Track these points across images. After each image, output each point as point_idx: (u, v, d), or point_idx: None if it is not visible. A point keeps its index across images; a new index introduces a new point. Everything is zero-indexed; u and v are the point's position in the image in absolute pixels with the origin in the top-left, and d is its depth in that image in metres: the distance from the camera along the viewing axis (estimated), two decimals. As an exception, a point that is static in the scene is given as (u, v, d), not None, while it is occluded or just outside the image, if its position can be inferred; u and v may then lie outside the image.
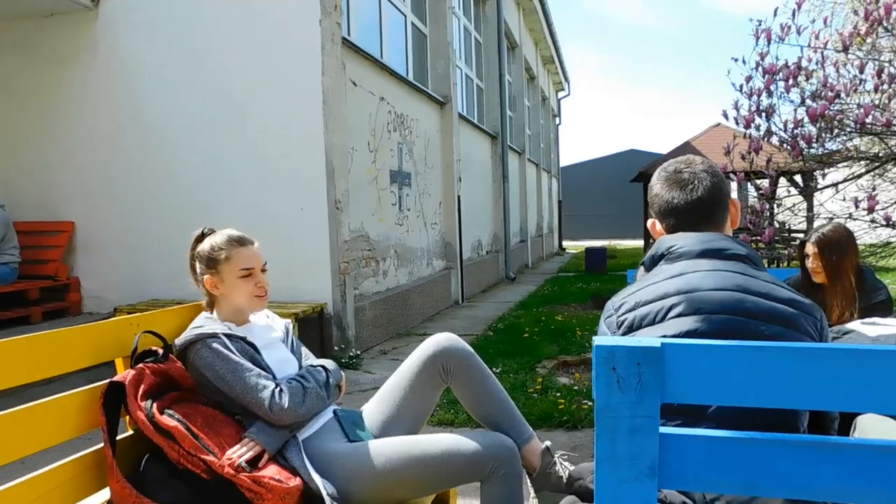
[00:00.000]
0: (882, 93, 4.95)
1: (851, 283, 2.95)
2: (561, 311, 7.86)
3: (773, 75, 5.25)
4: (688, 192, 1.46)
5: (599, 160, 37.49)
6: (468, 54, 11.22)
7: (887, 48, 5.03)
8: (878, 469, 1.00)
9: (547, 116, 21.21)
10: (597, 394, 1.02)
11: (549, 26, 16.83)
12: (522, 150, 14.73)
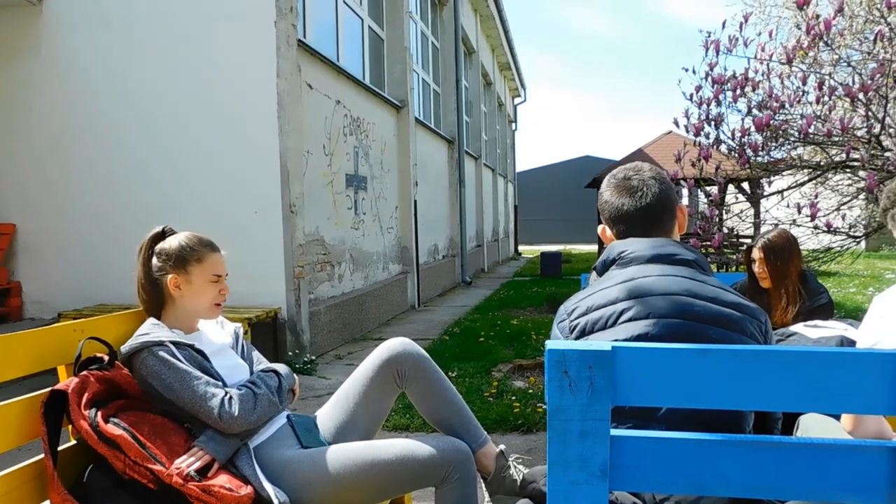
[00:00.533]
0: (823, 104, 5.13)
1: (795, 286, 3.05)
2: (517, 315, 7.92)
3: (722, 85, 5.40)
4: (637, 199, 1.49)
5: (555, 166, 37.95)
6: (425, 59, 11.24)
7: (828, 62, 5.21)
8: (820, 466, 1.03)
9: (503, 122, 21.38)
10: (549, 397, 1.03)
11: (506, 33, 16.98)
12: (479, 155, 14.82)
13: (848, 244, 5.41)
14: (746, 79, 5.39)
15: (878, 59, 4.72)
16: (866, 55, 5.07)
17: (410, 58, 9.07)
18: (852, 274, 12.47)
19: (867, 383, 0.99)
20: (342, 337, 6.35)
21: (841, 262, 6.48)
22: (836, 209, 5.48)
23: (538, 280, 12.73)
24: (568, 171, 35.40)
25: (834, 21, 4.80)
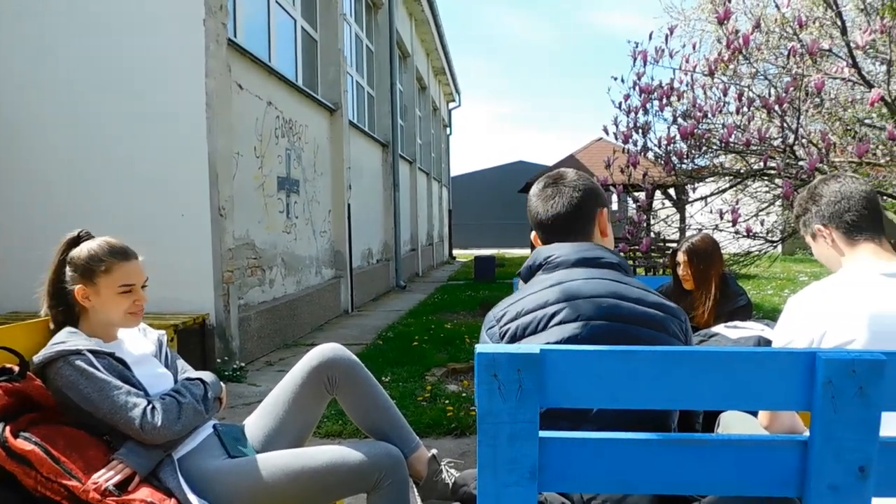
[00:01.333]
0: (742, 115, 5.37)
1: (716, 289, 3.18)
2: (451, 319, 7.95)
3: (649, 94, 5.58)
4: (550, 207, 1.55)
5: (489, 170, 38.34)
6: (359, 62, 11.17)
7: (746, 74, 5.45)
8: (738, 461, 1.07)
9: (438, 126, 21.46)
10: (479, 401, 1.04)
11: (441, 38, 17.07)
12: (413, 159, 14.82)
13: (766, 248, 5.66)
14: (672, 89, 5.59)
15: (792, 73, 4.97)
16: (781, 69, 5.32)
17: (344, 60, 8.99)
18: (770, 277, 13.09)
19: (781, 381, 1.04)
20: (273, 343, 6.23)
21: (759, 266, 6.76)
22: (754, 215, 5.74)
23: (472, 284, 12.82)
24: (501, 176, 35.83)
25: (752, 36, 5.02)
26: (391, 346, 6.22)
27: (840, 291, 1.50)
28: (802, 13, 5.09)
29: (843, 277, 1.56)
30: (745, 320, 3.15)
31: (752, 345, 2.27)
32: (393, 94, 12.02)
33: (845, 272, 1.58)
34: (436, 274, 16.24)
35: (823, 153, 4.74)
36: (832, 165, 4.81)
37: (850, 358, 0.97)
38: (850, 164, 4.90)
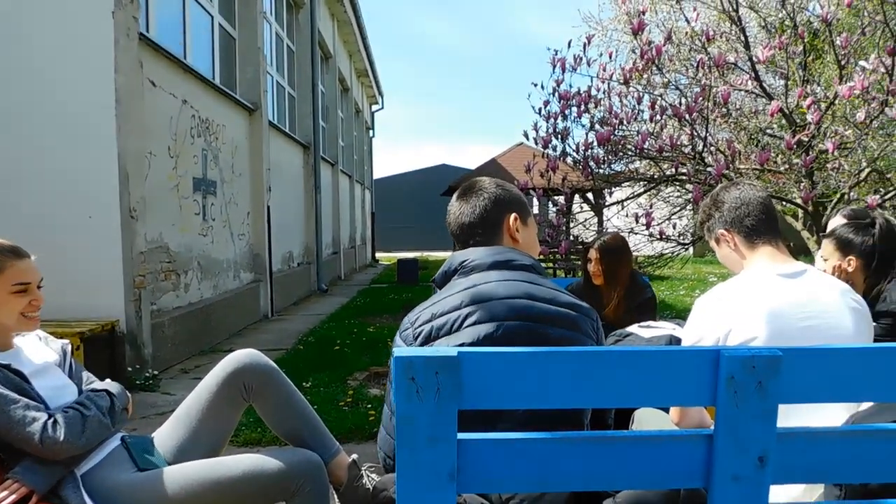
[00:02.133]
0: (656, 122, 5.60)
1: (625, 284, 3.34)
2: (373, 323, 7.90)
3: (568, 101, 5.73)
4: (456, 217, 1.63)
5: (412, 173, 38.38)
6: (280, 61, 10.95)
7: (659, 84, 5.67)
8: (649, 456, 1.11)
9: (360, 128, 21.31)
10: (397, 404, 1.03)
11: (364, 39, 16.96)
12: (335, 161, 14.65)
13: (678, 251, 5.90)
14: (589, 96, 5.76)
15: (701, 84, 5.22)
16: (691, 80, 5.57)
17: (264, 59, 8.79)
18: (682, 278, 13.67)
19: (688, 378, 1.08)
20: (189, 350, 6.01)
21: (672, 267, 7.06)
22: (667, 219, 5.98)
23: (395, 287, 12.79)
24: (425, 179, 35.93)
25: (664, 48, 5.25)
26: (312, 350, 6.12)
27: (742, 292, 1.59)
28: (710, 28, 5.35)
29: (744, 279, 1.65)
30: (652, 312, 3.32)
31: (663, 343, 2.36)
32: (315, 95, 11.84)
33: (746, 274, 1.67)
34: (358, 277, 16.10)
35: (729, 160, 5.00)
36: (737, 172, 5.07)
37: (750, 354, 1.02)
38: (754, 171, 5.18)
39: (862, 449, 1.10)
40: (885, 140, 4.82)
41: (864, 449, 1.10)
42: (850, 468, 1.12)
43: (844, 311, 1.59)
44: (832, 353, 1.10)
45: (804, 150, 4.78)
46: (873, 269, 2.31)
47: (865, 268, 2.33)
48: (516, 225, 1.63)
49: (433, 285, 1.64)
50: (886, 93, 4.36)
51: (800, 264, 1.68)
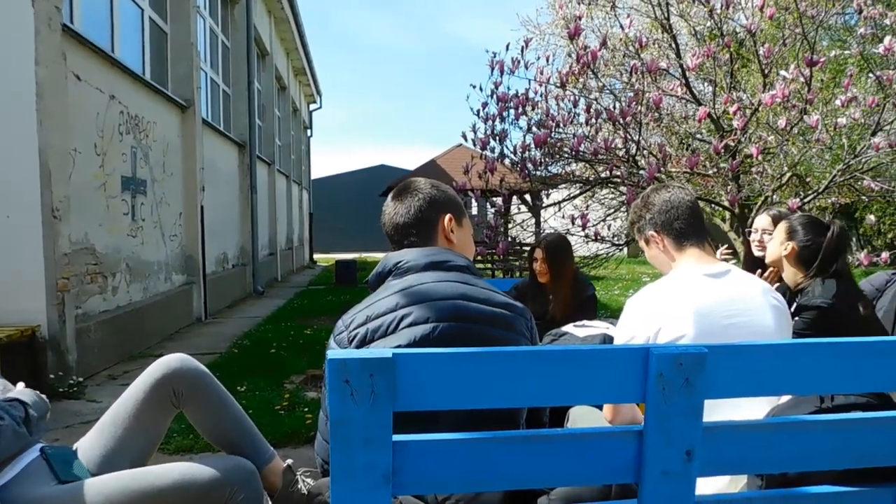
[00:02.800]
0: (591, 126, 5.72)
1: (570, 281, 3.45)
2: (311, 325, 7.79)
3: (506, 103, 5.79)
4: (390, 218, 1.64)
5: (351, 174, 38.04)
6: (214, 58, 10.67)
7: (595, 88, 5.80)
8: (582, 453, 1.12)
9: (298, 128, 21.00)
10: (331, 407, 1.02)
11: (302, 37, 16.71)
12: (272, 160, 14.38)
13: (612, 251, 6.04)
14: (527, 98, 5.84)
15: (634, 89, 5.36)
16: (625, 85, 5.71)
17: (198, 55, 8.55)
18: (616, 278, 14.01)
19: (620, 376, 1.11)
20: (117, 355, 5.78)
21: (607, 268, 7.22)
22: (602, 220, 6.12)
23: (334, 289, 12.65)
24: (364, 180, 35.66)
25: (599, 53, 5.36)
26: (247, 354, 5.99)
27: (670, 292, 1.64)
28: (643, 35, 5.50)
29: (672, 279, 1.70)
30: (593, 310, 3.42)
31: (598, 342, 2.41)
32: (251, 93, 11.60)
33: (675, 274, 1.73)
34: (296, 279, 15.85)
35: (661, 163, 5.15)
36: (668, 175, 5.23)
37: (677, 352, 1.05)
38: (684, 174, 5.36)
39: (781, 440, 1.15)
40: (804, 146, 5.06)
41: (782, 440, 1.15)
42: (771, 459, 1.17)
43: (766, 308, 1.66)
44: (754, 350, 1.14)
45: (731, 154, 4.97)
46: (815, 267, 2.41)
47: (798, 260, 2.43)
48: (451, 226, 1.64)
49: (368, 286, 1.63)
50: (805, 101, 4.58)
51: (724, 264, 1.74)
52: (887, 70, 4.61)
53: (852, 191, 5.93)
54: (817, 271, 2.38)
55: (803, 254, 2.42)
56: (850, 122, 4.75)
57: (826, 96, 5.54)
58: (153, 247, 7.01)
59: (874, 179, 5.26)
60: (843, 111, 4.72)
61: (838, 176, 4.92)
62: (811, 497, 1.20)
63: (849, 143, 5.19)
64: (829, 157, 5.84)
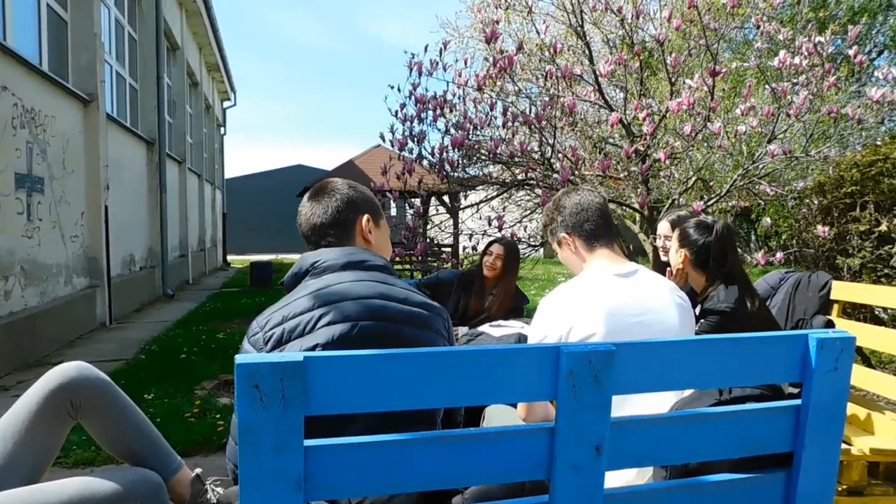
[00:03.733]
0: (508, 129, 5.81)
1: (513, 288, 3.58)
2: (224, 328, 7.56)
3: (424, 105, 5.81)
4: (307, 218, 1.63)
5: (267, 173, 37.16)
6: (120, 50, 10.18)
7: (511, 92, 5.89)
8: (496, 451, 1.13)
9: (211, 125, 20.33)
10: (239, 413, 0.99)
11: (215, 32, 16.19)
12: (183, 158, 13.86)
13: (529, 252, 6.15)
14: (445, 100, 5.87)
15: (549, 93, 5.48)
16: (541, 89, 5.84)
17: (101, 47, 8.13)
18: (533, 278, 14.30)
19: (532, 374, 1.12)
20: (11, 364, 5.41)
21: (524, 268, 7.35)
22: (519, 221, 6.23)
23: (248, 291, 12.32)
24: (280, 180, 34.93)
25: (516, 57, 5.46)
26: (156, 360, 5.74)
27: (581, 292, 1.68)
28: (558, 41, 5.64)
29: (583, 279, 1.75)
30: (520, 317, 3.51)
31: (513, 342, 2.45)
32: (160, 89, 11.13)
33: (585, 274, 1.78)
34: (208, 281, 15.33)
35: (574, 166, 5.29)
36: (582, 178, 5.38)
37: (587, 350, 1.08)
38: (597, 177, 5.53)
39: (683, 432, 1.20)
40: (707, 151, 5.31)
41: (684, 432, 1.21)
42: (674, 450, 1.22)
43: (671, 306, 1.73)
44: (659, 347, 1.19)
45: (641, 158, 5.17)
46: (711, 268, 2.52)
47: (694, 263, 2.55)
48: (369, 226, 1.64)
49: (283, 287, 1.60)
50: (708, 109, 4.81)
51: (633, 265, 1.81)
52: (781, 82, 4.90)
53: (751, 194, 6.27)
54: (714, 272, 2.50)
55: (697, 258, 2.55)
56: (748, 129, 5.03)
57: (727, 105, 5.85)
58: (51, 248, 6.61)
59: (770, 184, 5.59)
60: (743, 119, 5.00)
61: (738, 180, 5.20)
62: (711, 485, 1.25)
63: (748, 150, 5.50)
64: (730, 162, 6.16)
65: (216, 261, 20.28)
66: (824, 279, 3.23)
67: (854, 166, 4.39)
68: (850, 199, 4.30)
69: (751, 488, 1.28)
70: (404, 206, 8.67)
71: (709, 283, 2.52)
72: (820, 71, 4.89)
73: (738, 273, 2.49)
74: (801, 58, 4.88)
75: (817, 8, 15.01)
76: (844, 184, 4.36)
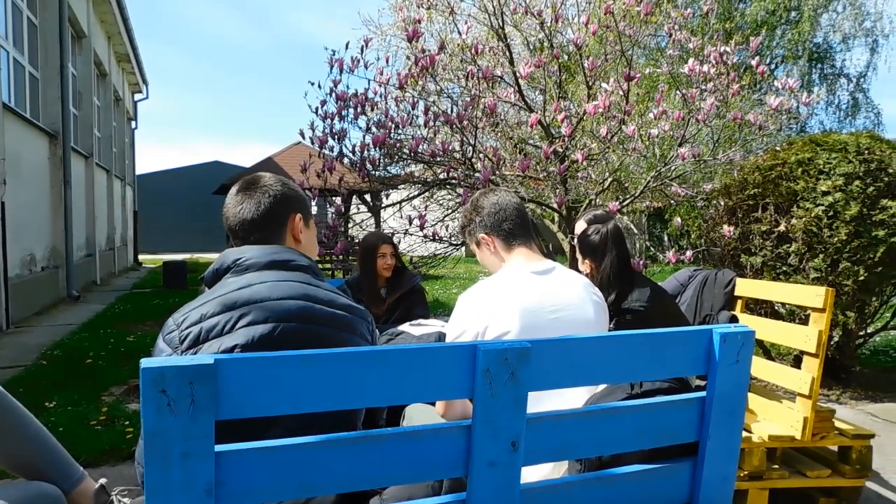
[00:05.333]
0: (429, 128, 5.83)
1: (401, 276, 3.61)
2: (134, 331, 7.24)
3: (345, 102, 5.75)
4: (238, 212, 1.57)
5: (182, 170, 35.83)
6: (18, 36, 9.56)
7: (433, 91, 5.90)
8: (413, 451, 1.13)
9: (121, 118, 19.41)
10: (145, 419, 0.94)
11: (126, 21, 15.45)
12: (90, 153, 13.17)
13: (450, 251, 6.19)
14: (366, 98, 5.83)
15: (471, 94, 5.53)
16: (463, 89, 5.88)
17: (-3, 32, 7.62)
18: (455, 277, 14.40)
19: (449, 372, 1.13)
20: None
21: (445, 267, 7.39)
22: (440, 220, 6.25)
23: (161, 292, 11.85)
24: (196, 177, 33.76)
25: (437, 57, 5.48)
26: (59, 366, 5.43)
27: (498, 289, 1.70)
28: (480, 42, 5.70)
29: (500, 277, 1.77)
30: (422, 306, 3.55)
31: (433, 340, 2.46)
32: (64, 78, 10.52)
33: (503, 272, 1.80)
34: (118, 282, 14.64)
35: (495, 166, 5.36)
36: (503, 177, 5.46)
37: (503, 347, 1.09)
38: (517, 177, 5.62)
39: (596, 426, 1.24)
40: (623, 153, 5.50)
41: (598, 426, 1.24)
42: (588, 444, 1.25)
43: (587, 303, 1.77)
44: (573, 343, 1.21)
45: (559, 159, 5.29)
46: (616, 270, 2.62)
47: (597, 271, 2.66)
48: (300, 225, 1.61)
49: (202, 284, 1.54)
50: (623, 113, 4.98)
51: (550, 262, 1.84)
52: (691, 88, 5.13)
53: (663, 195, 6.53)
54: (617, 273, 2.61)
55: (597, 261, 2.67)
56: (661, 133, 5.24)
57: (641, 109, 6.06)
58: (-59, 247, 6.15)
59: (680, 186, 5.84)
60: (655, 123, 5.20)
61: (652, 182, 5.40)
62: (622, 476, 1.30)
63: (660, 153, 5.72)
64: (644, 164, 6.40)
65: (127, 260, 19.40)
66: (729, 276, 3.40)
67: (756, 170, 4.64)
68: (753, 201, 4.54)
69: (659, 478, 1.33)
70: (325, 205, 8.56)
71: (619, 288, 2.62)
72: (726, 79, 5.15)
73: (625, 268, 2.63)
74: (709, 66, 5.13)
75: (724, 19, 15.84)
76: (748, 186, 4.60)
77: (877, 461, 3.16)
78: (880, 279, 4.15)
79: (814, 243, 4.16)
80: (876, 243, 4.01)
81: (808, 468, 2.77)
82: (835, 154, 4.32)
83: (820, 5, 17.47)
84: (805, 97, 5.38)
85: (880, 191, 4.14)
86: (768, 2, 17.17)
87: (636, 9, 5.26)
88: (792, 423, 2.67)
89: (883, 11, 19.52)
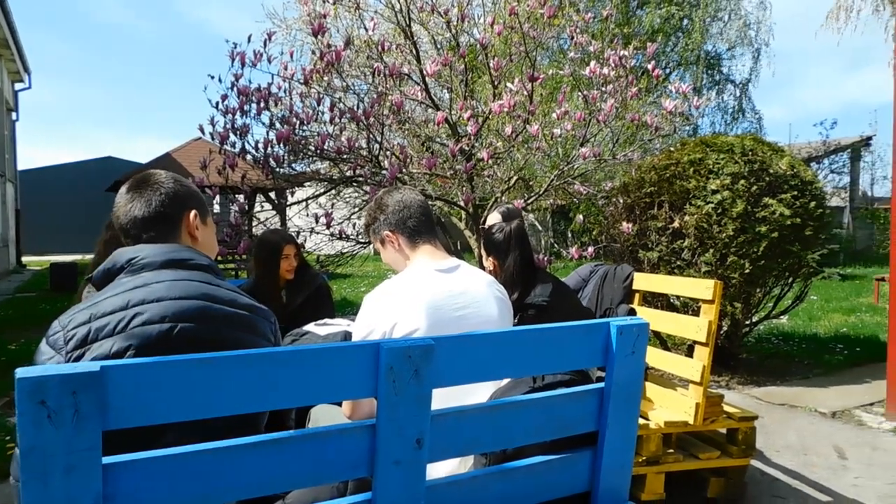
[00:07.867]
0: (335, 124, 5.74)
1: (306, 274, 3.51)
2: (17, 339, 6.75)
3: (247, 97, 5.57)
4: (129, 210, 1.51)
5: (71, 165, 33.70)
6: None
7: (339, 87, 5.82)
8: (318, 452, 1.11)
9: (0, 110, 18.06)
10: (21, 433, 0.88)
11: (2, 3, 14.38)
12: (-35, 146, 12.18)
13: (357, 249, 6.14)
14: (270, 93, 5.67)
15: (378, 91, 5.49)
16: (370, 86, 5.83)
17: None
18: (363, 275, 14.30)
19: (353, 372, 1.11)
20: None
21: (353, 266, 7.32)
22: (347, 218, 6.18)
23: (48, 296, 11.11)
24: (86, 173, 31.85)
25: (344, 53, 5.41)
26: (-71, 377, 4.99)
27: (404, 287, 1.70)
28: (387, 39, 5.66)
29: (407, 275, 1.77)
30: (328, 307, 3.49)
31: (339, 340, 2.43)
32: (-67, 65, 9.67)
33: (409, 270, 1.80)
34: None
35: (402, 164, 5.36)
36: (409, 175, 5.46)
37: (406, 345, 1.09)
38: (424, 174, 5.64)
39: (500, 420, 1.26)
40: (527, 152, 5.62)
41: (501, 420, 1.26)
42: (492, 438, 1.28)
43: (491, 300, 1.80)
44: (476, 339, 1.23)
45: (466, 157, 5.35)
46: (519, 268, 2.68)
47: (502, 267, 2.72)
48: (196, 223, 1.55)
49: (86, 285, 1.45)
50: (528, 112, 5.09)
51: (454, 260, 1.86)
52: (592, 90, 5.31)
53: (566, 193, 6.73)
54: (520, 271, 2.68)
55: (501, 259, 2.74)
56: (563, 133, 5.39)
57: (545, 109, 6.22)
58: None
59: (582, 184, 6.04)
60: (558, 123, 5.35)
61: (555, 180, 5.55)
62: (526, 468, 1.33)
63: (563, 152, 5.89)
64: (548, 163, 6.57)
65: (8, 262, 18.06)
66: (627, 271, 3.55)
67: (652, 169, 4.87)
68: (650, 199, 4.76)
69: (561, 468, 1.37)
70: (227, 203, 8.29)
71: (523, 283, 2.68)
72: (624, 82, 5.37)
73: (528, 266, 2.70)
74: (609, 69, 5.32)
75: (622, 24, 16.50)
76: (644, 185, 4.82)
77: (760, 440, 3.39)
78: (763, 272, 4.45)
79: (704, 239, 4.40)
80: (759, 238, 4.29)
81: (700, 451, 2.94)
82: (723, 155, 4.60)
83: (709, 15, 18.55)
84: (696, 101, 5.69)
85: (762, 189, 4.45)
86: (664, 10, 18.07)
87: (540, 11, 5.39)
88: (685, 409, 2.82)
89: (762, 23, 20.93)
